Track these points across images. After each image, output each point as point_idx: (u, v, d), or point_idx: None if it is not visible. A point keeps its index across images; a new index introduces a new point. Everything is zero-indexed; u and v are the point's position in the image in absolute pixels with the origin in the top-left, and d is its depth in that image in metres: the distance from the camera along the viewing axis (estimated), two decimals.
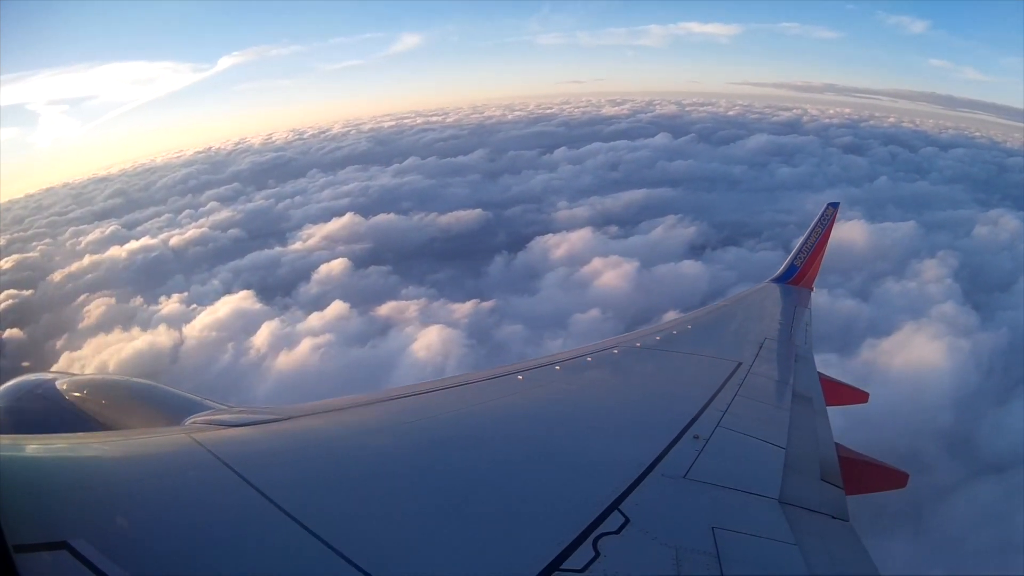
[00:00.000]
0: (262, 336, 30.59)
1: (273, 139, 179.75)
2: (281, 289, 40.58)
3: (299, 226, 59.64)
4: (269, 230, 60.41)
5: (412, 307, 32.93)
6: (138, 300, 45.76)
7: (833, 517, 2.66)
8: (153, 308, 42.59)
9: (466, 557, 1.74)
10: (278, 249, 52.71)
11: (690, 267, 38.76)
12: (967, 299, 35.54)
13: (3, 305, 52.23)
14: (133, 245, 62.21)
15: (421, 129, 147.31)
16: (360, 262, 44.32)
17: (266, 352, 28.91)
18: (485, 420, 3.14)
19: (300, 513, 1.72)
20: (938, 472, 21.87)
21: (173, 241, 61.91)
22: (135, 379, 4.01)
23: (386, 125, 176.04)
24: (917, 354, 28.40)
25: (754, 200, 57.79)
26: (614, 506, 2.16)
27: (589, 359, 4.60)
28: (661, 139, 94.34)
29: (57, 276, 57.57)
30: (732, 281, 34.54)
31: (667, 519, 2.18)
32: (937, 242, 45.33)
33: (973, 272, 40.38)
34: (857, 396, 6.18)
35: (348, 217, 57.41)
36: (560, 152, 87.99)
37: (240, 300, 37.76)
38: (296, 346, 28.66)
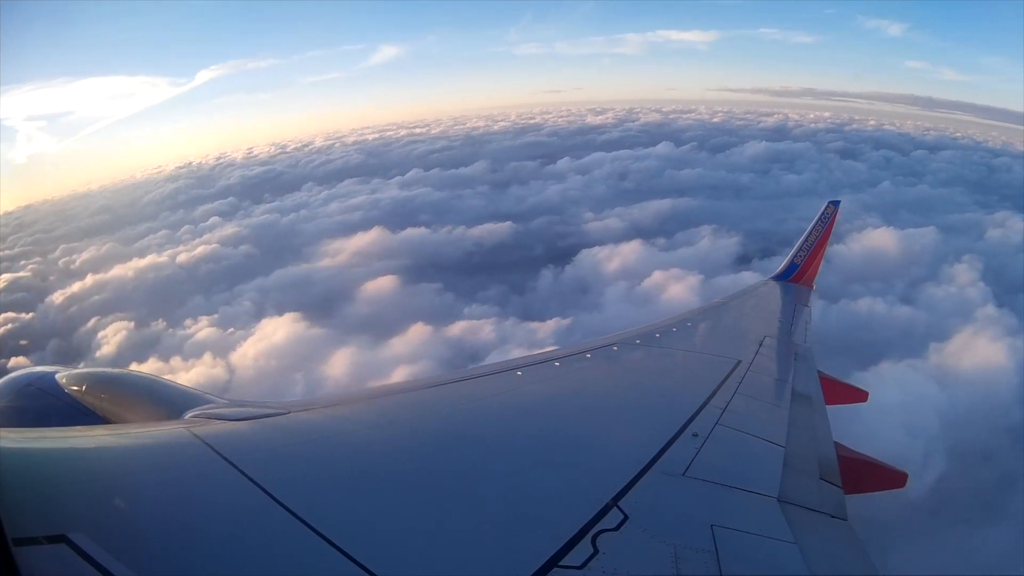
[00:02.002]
0: (339, 364, 28.62)
1: (255, 153, 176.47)
2: (325, 309, 38.60)
3: (315, 241, 57.74)
4: (282, 246, 58.26)
5: (487, 327, 31.53)
6: (160, 323, 43.35)
7: (832, 516, 2.67)
8: (181, 332, 40.16)
9: (465, 553, 1.74)
10: (304, 266, 50.88)
11: (751, 279, 37.85)
12: (1000, 301, 36.45)
13: (2, 330, 49.71)
14: (140, 263, 59.56)
15: (409, 141, 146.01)
16: (405, 279, 42.87)
17: (351, 383, 26.83)
18: (484, 416, 3.14)
19: (298, 508, 1.72)
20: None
21: (182, 258, 59.18)
22: (135, 372, 3.95)
23: (370, 138, 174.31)
24: (982, 355, 29.00)
25: (771, 208, 58.24)
26: (613, 503, 2.16)
27: (588, 356, 4.58)
28: (663, 148, 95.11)
29: (58, 297, 54.70)
30: None
31: (666, 517, 2.19)
32: (957, 246, 46.40)
33: (996, 274, 41.40)
34: (856, 395, 6.08)
35: (376, 231, 55.92)
36: (563, 162, 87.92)
37: (290, 323, 35.71)
38: (389, 375, 26.30)
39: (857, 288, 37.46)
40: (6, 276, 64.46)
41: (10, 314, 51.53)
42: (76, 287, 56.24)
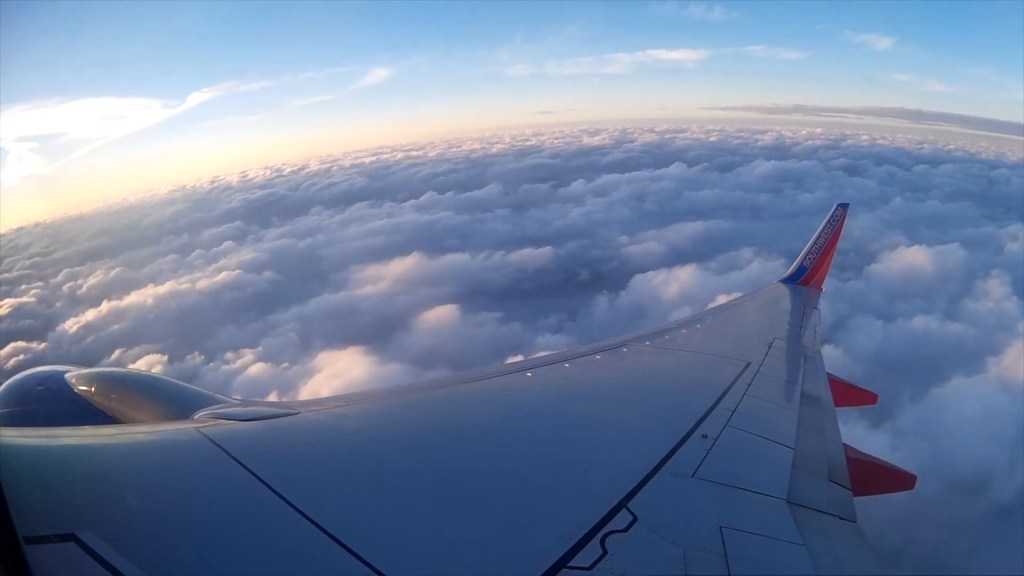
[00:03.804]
0: None
1: (250, 176, 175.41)
2: (385, 340, 36.51)
3: (342, 267, 56.10)
4: (308, 271, 56.77)
5: None
6: (197, 356, 40.78)
7: (841, 518, 2.67)
8: (225, 367, 37.63)
9: (474, 553, 1.74)
10: (343, 294, 49.15)
11: None
12: None
13: (13, 361, 46.90)
14: (158, 290, 56.98)
15: (410, 164, 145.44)
16: (463, 308, 41.06)
17: None
18: (494, 417, 3.15)
19: (308, 508, 1.73)
20: None
21: (202, 284, 56.66)
22: (144, 372, 3.99)
23: (367, 160, 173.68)
24: None
25: (794, 227, 58.11)
26: (622, 504, 2.16)
27: (598, 357, 4.62)
28: (676, 169, 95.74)
29: (70, 326, 51.69)
30: (847, 312, 35.38)
31: (675, 518, 2.20)
32: (982, 261, 47.16)
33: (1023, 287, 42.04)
34: (866, 397, 6.15)
35: (414, 257, 54.43)
36: (578, 185, 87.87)
37: (358, 357, 33.65)
38: None
39: (902, 306, 38.02)
40: (8, 301, 60.90)
41: (20, 343, 47.84)
42: (90, 315, 53.51)
